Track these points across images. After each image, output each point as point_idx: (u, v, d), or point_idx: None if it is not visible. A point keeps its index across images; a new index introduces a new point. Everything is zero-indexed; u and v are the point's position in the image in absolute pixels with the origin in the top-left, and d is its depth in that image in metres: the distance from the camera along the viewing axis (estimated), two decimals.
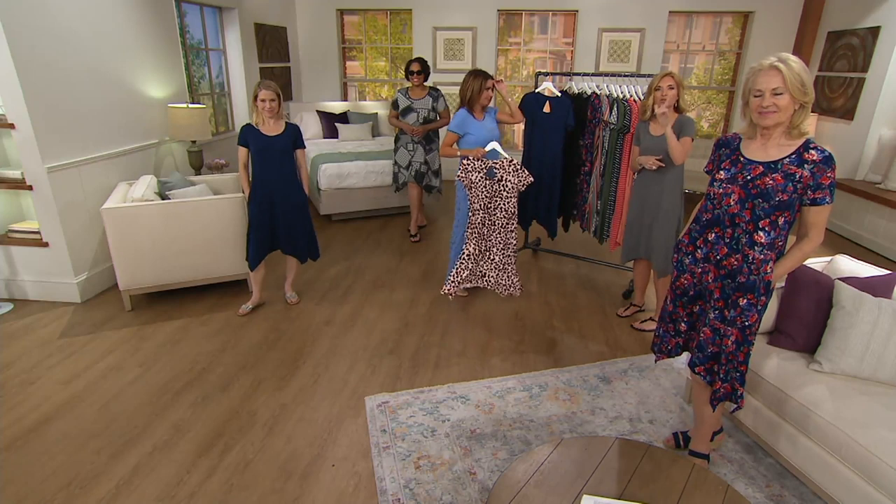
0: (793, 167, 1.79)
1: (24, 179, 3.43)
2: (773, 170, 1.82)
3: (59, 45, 3.46)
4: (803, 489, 2.20)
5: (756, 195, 1.83)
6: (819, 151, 1.78)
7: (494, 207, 3.50)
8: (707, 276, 2.01)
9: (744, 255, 1.89)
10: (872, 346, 2.09)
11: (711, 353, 2.03)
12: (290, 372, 2.98)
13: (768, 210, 1.82)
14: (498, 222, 3.53)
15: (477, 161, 3.41)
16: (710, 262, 1.98)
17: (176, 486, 2.18)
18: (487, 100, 3.50)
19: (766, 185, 1.81)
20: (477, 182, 3.42)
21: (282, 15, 6.88)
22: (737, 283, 1.92)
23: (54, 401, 2.69)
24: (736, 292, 1.93)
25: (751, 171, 1.86)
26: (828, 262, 2.61)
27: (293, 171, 3.40)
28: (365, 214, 5.74)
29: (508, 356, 3.18)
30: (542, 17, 7.21)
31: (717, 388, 2.04)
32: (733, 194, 1.88)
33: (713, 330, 2.01)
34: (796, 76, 1.73)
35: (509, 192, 3.45)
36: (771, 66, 1.75)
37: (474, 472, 2.27)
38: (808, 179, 1.77)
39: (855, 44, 5.61)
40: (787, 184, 1.79)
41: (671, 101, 3.00)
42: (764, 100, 1.77)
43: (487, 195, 3.45)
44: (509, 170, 3.43)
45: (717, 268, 1.97)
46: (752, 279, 1.89)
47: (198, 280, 3.75)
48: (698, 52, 7.20)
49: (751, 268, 1.88)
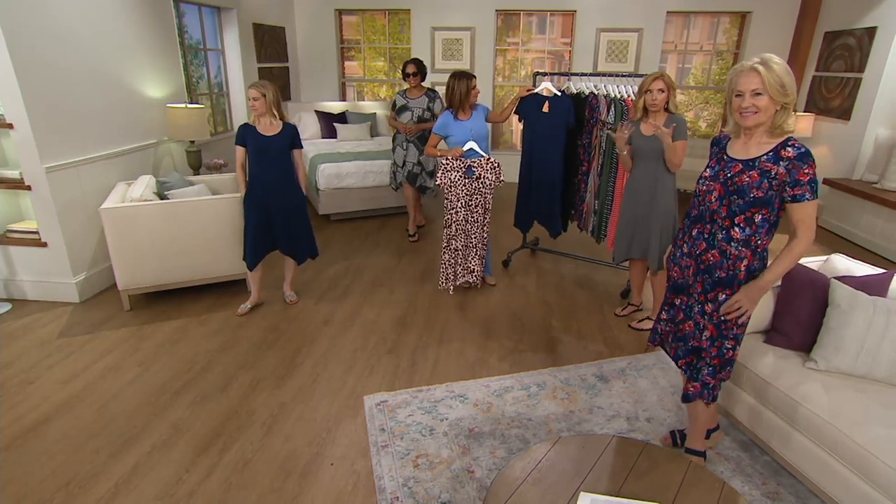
0: (769, 164, 1.82)
1: (22, 179, 3.43)
2: (751, 167, 1.85)
3: (58, 45, 3.47)
4: (799, 487, 2.21)
5: (732, 192, 1.87)
6: (795, 148, 1.79)
7: (475, 205, 3.70)
8: (688, 271, 2.06)
9: (720, 250, 1.93)
10: (867, 344, 2.10)
11: (692, 346, 2.08)
12: (289, 371, 2.99)
13: (743, 206, 1.85)
14: (479, 218, 3.73)
15: (455, 161, 3.60)
16: (692, 258, 2.03)
17: (175, 486, 2.19)
18: (475, 97, 3.65)
19: (742, 182, 1.85)
20: (456, 181, 3.62)
21: (280, 15, 6.88)
22: (715, 279, 1.96)
23: (53, 401, 2.70)
24: (716, 287, 1.97)
25: (731, 169, 1.90)
26: (824, 262, 2.63)
27: (291, 171, 3.41)
28: (363, 214, 5.75)
29: (507, 355, 3.19)
30: (541, 17, 7.22)
31: (686, 388, 2.11)
32: (715, 191, 1.92)
33: (695, 324, 2.06)
34: (776, 78, 1.76)
35: (488, 188, 3.66)
36: (751, 68, 1.79)
37: (472, 471, 2.28)
38: (783, 176, 1.79)
39: (852, 44, 5.63)
40: (763, 180, 1.82)
41: (661, 104, 3.00)
42: (744, 100, 1.81)
43: (467, 193, 3.66)
44: (487, 167, 3.62)
45: (696, 263, 2.01)
46: (730, 274, 1.93)
47: (196, 280, 3.75)
48: (696, 52, 7.22)
49: (728, 263, 1.92)
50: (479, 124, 3.67)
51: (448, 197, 3.69)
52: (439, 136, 3.73)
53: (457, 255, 3.79)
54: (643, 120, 3.12)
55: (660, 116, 3.05)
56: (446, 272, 3.84)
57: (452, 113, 3.65)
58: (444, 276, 3.85)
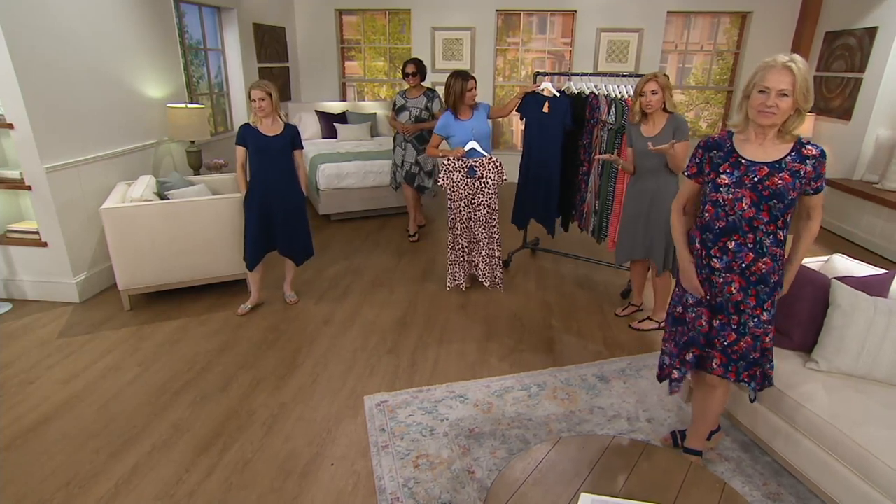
0: (797, 164, 1.80)
1: (22, 179, 3.43)
2: (779, 169, 1.81)
3: (59, 45, 3.47)
4: (800, 487, 2.21)
5: (769, 197, 1.81)
6: (815, 147, 1.83)
7: (477, 204, 3.70)
8: (730, 287, 1.93)
9: (772, 256, 1.88)
10: (868, 344, 2.10)
11: (754, 359, 2.01)
12: (289, 371, 2.99)
13: (783, 209, 1.82)
14: (482, 218, 3.72)
15: (457, 161, 3.60)
16: (734, 272, 1.91)
17: (175, 486, 2.19)
18: (472, 100, 3.61)
19: (776, 186, 1.80)
20: (458, 181, 3.62)
21: (280, 15, 6.88)
22: (771, 286, 1.91)
23: (53, 401, 2.70)
24: (773, 294, 1.93)
25: (756, 173, 1.82)
26: (824, 262, 2.62)
27: (292, 172, 3.41)
28: (363, 214, 5.74)
29: (507, 355, 3.19)
30: (541, 17, 7.22)
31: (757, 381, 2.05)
32: (744, 198, 1.84)
33: (753, 337, 1.97)
34: (804, 80, 1.72)
35: (490, 188, 3.65)
36: (784, 66, 1.71)
37: (473, 471, 2.28)
38: (810, 174, 1.81)
39: (852, 44, 5.63)
40: (795, 181, 1.80)
41: (656, 106, 2.99)
42: (769, 98, 1.74)
43: (469, 193, 3.66)
44: (489, 167, 3.62)
45: (742, 277, 1.90)
46: (781, 276, 1.93)
47: (196, 280, 3.75)
48: (696, 53, 7.21)
49: (777, 266, 1.90)
50: (481, 124, 3.66)
51: (451, 197, 3.69)
52: (441, 137, 3.73)
53: (462, 255, 3.82)
54: (643, 121, 3.11)
55: (659, 117, 3.04)
56: (453, 271, 3.87)
57: (453, 113, 3.65)
58: (450, 276, 3.88)
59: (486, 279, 3.89)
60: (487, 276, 3.87)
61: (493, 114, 3.83)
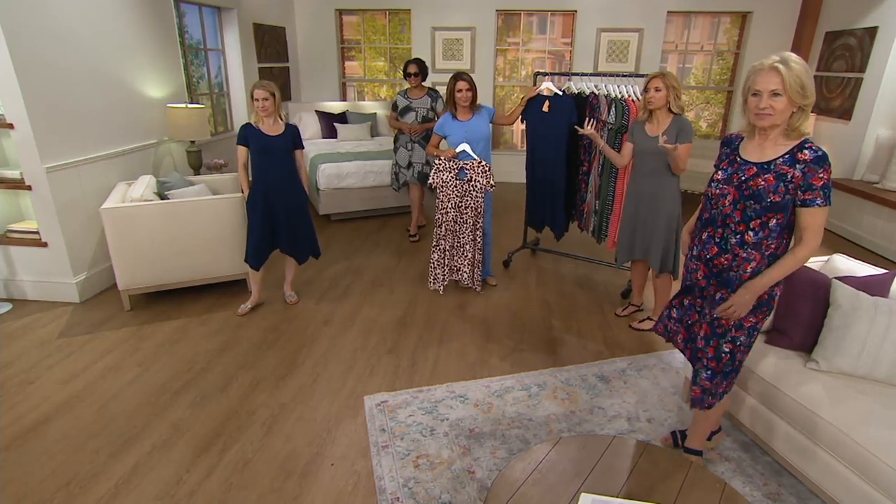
0: (785, 167, 1.75)
1: (23, 179, 3.43)
2: (766, 170, 1.78)
3: (59, 45, 3.46)
4: (800, 487, 2.21)
5: (748, 196, 1.80)
6: (812, 151, 1.72)
7: (465, 206, 3.71)
8: (696, 274, 2.02)
9: (733, 254, 1.87)
10: (868, 344, 2.10)
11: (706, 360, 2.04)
12: (289, 371, 2.99)
13: (759, 211, 1.78)
14: (469, 220, 3.73)
15: (448, 162, 3.62)
16: (701, 261, 1.99)
17: (175, 486, 2.19)
18: (465, 101, 3.59)
19: (758, 187, 1.78)
20: (448, 182, 3.65)
21: (281, 15, 6.88)
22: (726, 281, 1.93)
23: (53, 401, 2.70)
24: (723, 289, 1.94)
25: (745, 172, 1.83)
26: (825, 262, 2.62)
27: (294, 171, 3.41)
28: (363, 214, 5.74)
29: (507, 355, 3.19)
30: (541, 17, 7.22)
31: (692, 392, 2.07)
32: (728, 195, 1.85)
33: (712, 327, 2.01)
34: (796, 78, 1.67)
35: (478, 191, 3.67)
36: (771, 67, 1.69)
37: (473, 471, 2.27)
38: (798, 179, 1.73)
39: (852, 44, 5.63)
40: (779, 184, 1.75)
41: (658, 104, 2.97)
42: (761, 101, 1.73)
43: (458, 195, 3.68)
44: (478, 171, 3.63)
45: (706, 266, 1.97)
46: (736, 275, 1.88)
47: (197, 280, 3.75)
48: (696, 53, 7.21)
49: (737, 265, 1.88)
50: (479, 126, 3.66)
51: (440, 197, 3.71)
52: (439, 136, 3.76)
53: (444, 256, 3.82)
54: (648, 120, 3.10)
55: (664, 116, 3.02)
56: (434, 272, 3.88)
57: (452, 113, 3.67)
58: (432, 276, 3.90)
59: (471, 282, 3.87)
60: (467, 275, 3.85)
61: (497, 120, 3.84)
